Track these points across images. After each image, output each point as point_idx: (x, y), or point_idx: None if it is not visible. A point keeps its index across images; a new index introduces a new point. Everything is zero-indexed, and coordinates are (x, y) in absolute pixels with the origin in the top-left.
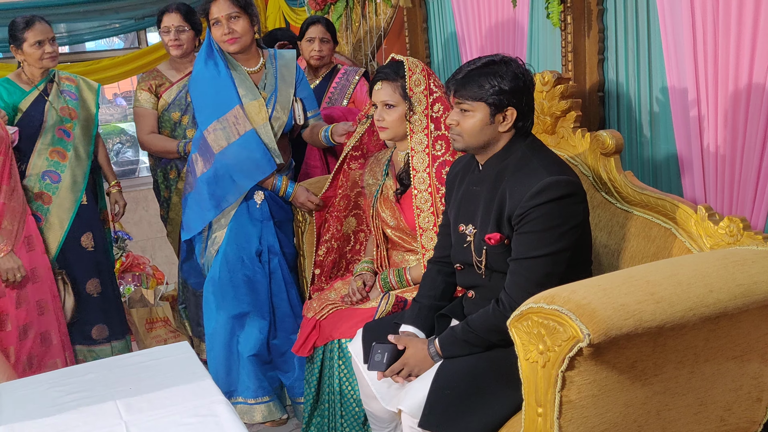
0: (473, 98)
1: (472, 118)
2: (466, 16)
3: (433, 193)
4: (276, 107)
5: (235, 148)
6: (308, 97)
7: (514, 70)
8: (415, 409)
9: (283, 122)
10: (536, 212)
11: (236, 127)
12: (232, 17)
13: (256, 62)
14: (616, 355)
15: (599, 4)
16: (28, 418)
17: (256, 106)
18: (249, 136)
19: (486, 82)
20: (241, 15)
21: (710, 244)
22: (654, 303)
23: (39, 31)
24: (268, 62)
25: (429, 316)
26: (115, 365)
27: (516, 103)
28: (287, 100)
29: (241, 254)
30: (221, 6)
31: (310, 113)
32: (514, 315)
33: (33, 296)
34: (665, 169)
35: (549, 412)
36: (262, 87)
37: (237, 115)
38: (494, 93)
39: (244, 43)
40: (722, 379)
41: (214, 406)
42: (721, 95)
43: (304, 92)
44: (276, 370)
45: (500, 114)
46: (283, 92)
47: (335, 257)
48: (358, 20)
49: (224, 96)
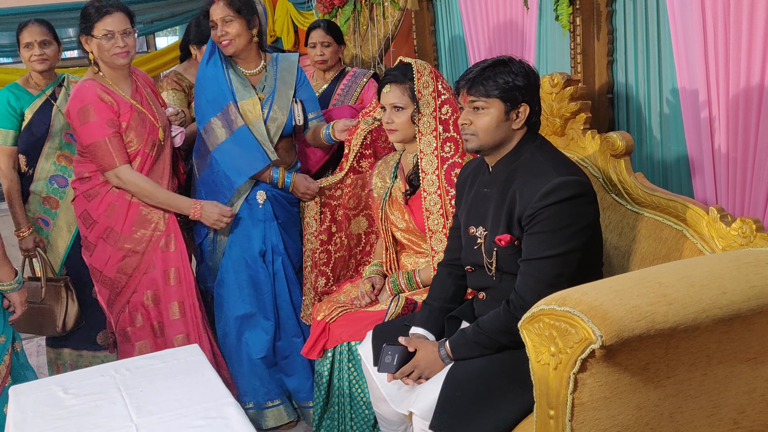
0: (487, 95)
1: (486, 116)
2: (474, 18)
3: (442, 195)
4: (273, 107)
5: (228, 144)
6: (309, 99)
7: (524, 68)
8: (426, 412)
9: (282, 122)
10: (546, 213)
11: (229, 123)
12: (226, 20)
13: (256, 64)
14: (629, 357)
15: (608, 6)
16: (39, 420)
17: (250, 104)
18: (241, 131)
19: (500, 78)
20: (235, 18)
21: (722, 245)
22: (666, 305)
23: (118, 20)
24: (269, 65)
25: (439, 319)
26: (126, 368)
27: (529, 99)
28: (286, 101)
29: (245, 255)
30: (216, 9)
31: (311, 115)
32: (525, 317)
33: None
34: (676, 170)
35: (561, 414)
36: (261, 88)
37: (231, 111)
38: (509, 89)
39: (239, 46)
40: (735, 381)
41: (224, 409)
42: (732, 96)
43: (304, 94)
44: (281, 373)
45: (514, 111)
46: (281, 93)
47: (344, 255)
48: (365, 23)
49: (220, 93)
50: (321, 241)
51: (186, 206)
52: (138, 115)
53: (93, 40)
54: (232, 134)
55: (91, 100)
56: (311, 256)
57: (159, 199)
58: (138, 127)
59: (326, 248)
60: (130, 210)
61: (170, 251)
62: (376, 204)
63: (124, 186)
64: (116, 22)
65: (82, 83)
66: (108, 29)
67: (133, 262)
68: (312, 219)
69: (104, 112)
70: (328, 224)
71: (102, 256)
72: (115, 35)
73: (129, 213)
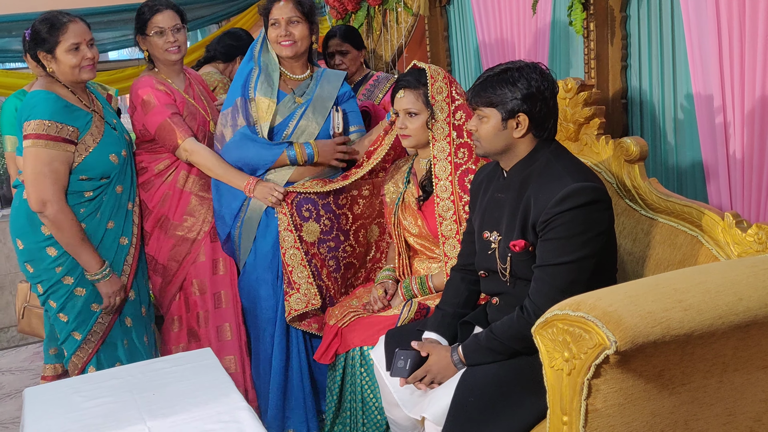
0: (486, 104)
1: (486, 124)
2: (488, 24)
3: (455, 201)
4: (306, 113)
5: (235, 140)
6: (353, 112)
7: (528, 76)
8: (438, 417)
9: (314, 130)
10: (561, 219)
11: (236, 119)
12: (292, 21)
13: (303, 71)
14: (643, 364)
15: (622, 11)
16: (52, 423)
17: (266, 103)
18: (243, 131)
19: (498, 88)
20: (302, 21)
21: (738, 251)
22: (682, 311)
23: (168, 17)
24: (315, 74)
25: (452, 324)
26: (139, 371)
27: (528, 109)
28: (323, 109)
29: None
30: (283, 8)
31: (353, 128)
32: (538, 322)
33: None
34: (690, 176)
35: (574, 420)
36: (300, 93)
37: (239, 106)
38: (504, 100)
39: (299, 49)
40: (752, 389)
41: (237, 413)
42: (748, 101)
43: (349, 107)
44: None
45: (512, 120)
46: (318, 100)
47: (355, 263)
48: (378, 29)
49: (235, 88)
50: (329, 247)
51: (241, 181)
52: (188, 108)
53: (147, 38)
54: (235, 133)
55: (149, 90)
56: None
57: (218, 172)
58: (189, 119)
59: (335, 255)
60: (181, 198)
61: (219, 241)
62: (389, 209)
63: (190, 156)
64: (166, 19)
65: (138, 79)
66: (159, 26)
67: (183, 250)
68: (286, 231)
69: (162, 98)
70: (336, 233)
71: (156, 244)
72: (165, 32)
73: (180, 201)
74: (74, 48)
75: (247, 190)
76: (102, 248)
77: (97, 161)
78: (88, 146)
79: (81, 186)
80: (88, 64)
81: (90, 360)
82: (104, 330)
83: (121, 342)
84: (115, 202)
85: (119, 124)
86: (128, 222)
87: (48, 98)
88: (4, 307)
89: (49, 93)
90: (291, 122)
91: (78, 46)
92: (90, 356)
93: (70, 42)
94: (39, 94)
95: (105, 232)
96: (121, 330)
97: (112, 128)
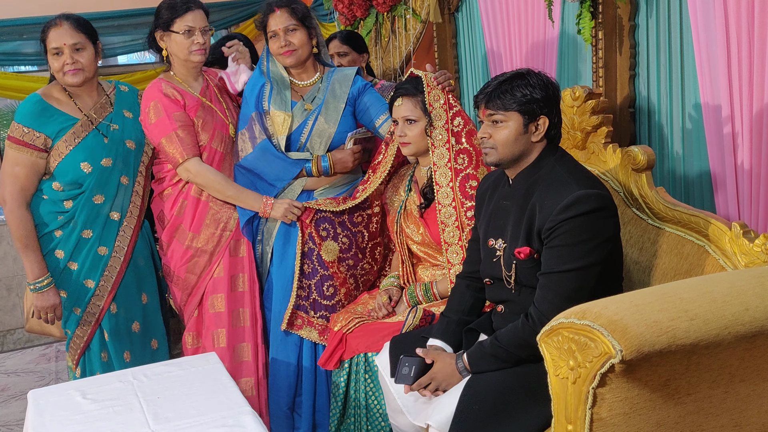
0: (506, 108)
1: (505, 129)
2: (496, 31)
3: (457, 207)
4: (319, 119)
5: (251, 159)
6: (375, 101)
7: (542, 80)
8: (442, 424)
9: (330, 134)
10: (566, 226)
11: (253, 132)
12: (289, 30)
13: (310, 76)
14: (649, 373)
15: (631, 20)
16: (57, 424)
17: (281, 117)
18: (264, 144)
19: (518, 91)
20: (299, 27)
21: (745, 261)
22: (688, 320)
23: (200, 17)
24: (324, 77)
25: (457, 331)
26: (144, 374)
27: (548, 111)
28: (335, 113)
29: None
30: (278, 18)
31: (380, 118)
32: (544, 330)
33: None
34: (698, 185)
35: (579, 429)
36: (310, 99)
37: (254, 119)
38: (527, 102)
39: (301, 56)
40: (758, 400)
41: (241, 417)
42: (756, 111)
43: (369, 98)
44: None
45: (533, 123)
46: (330, 105)
47: (370, 279)
48: (387, 35)
49: (247, 108)
50: (348, 265)
51: (257, 203)
52: (204, 110)
53: (171, 35)
54: (255, 148)
55: (156, 96)
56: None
57: (228, 193)
58: (205, 122)
59: (353, 273)
60: (198, 208)
61: (239, 257)
62: (391, 217)
63: (193, 179)
64: (198, 19)
65: (150, 84)
66: (189, 25)
67: (201, 262)
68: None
69: (169, 108)
70: (355, 250)
71: (173, 255)
72: (195, 32)
73: (197, 211)
74: (187, 31)
75: (264, 213)
76: (76, 255)
77: (68, 168)
78: (61, 152)
79: (57, 195)
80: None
81: (89, 343)
82: (98, 313)
83: (99, 354)
84: (92, 211)
85: (122, 132)
86: (109, 232)
87: (28, 101)
88: (10, 309)
89: (34, 96)
90: (305, 129)
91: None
92: (90, 336)
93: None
94: (29, 97)
95: (79, 240)
96: (99, 343)
97: (103, 135)
